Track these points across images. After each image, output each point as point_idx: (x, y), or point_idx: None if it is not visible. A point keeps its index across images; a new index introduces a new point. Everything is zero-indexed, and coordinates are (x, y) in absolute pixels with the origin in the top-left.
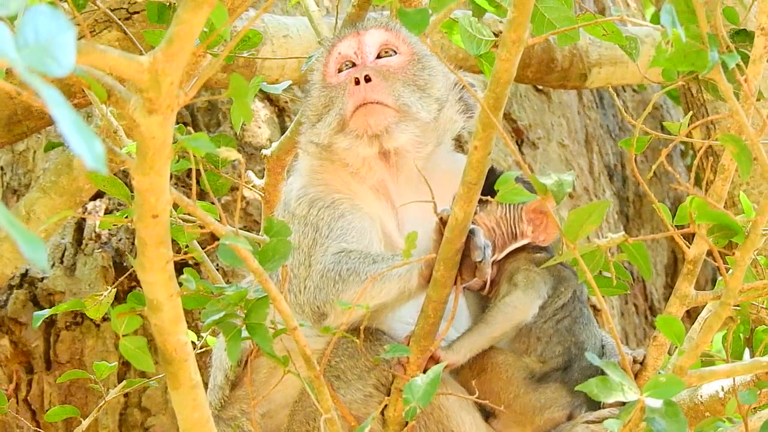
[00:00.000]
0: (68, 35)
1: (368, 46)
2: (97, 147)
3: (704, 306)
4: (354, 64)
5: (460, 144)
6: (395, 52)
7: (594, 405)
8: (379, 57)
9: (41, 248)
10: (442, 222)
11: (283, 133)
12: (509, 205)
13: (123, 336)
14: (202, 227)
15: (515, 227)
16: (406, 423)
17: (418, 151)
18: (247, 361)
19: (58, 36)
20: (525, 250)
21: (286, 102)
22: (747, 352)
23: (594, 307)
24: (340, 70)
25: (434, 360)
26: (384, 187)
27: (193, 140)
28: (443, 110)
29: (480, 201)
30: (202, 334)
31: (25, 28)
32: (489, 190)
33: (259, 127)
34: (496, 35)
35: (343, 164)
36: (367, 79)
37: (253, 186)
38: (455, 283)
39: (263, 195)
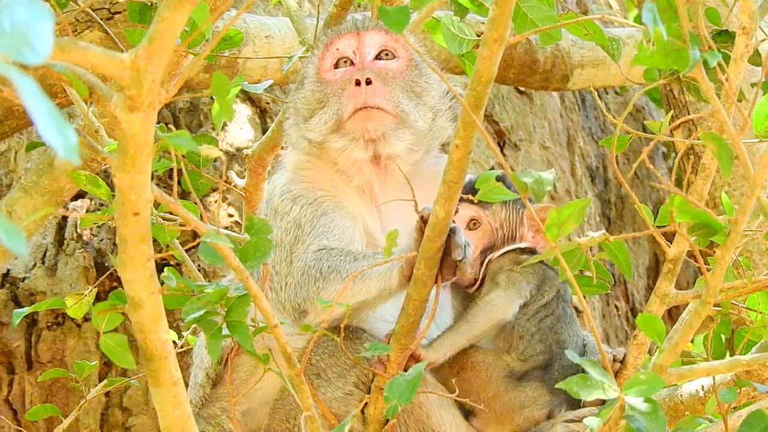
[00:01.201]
0: (46, 23)
1: (368, 46)
2: (70, 137)
3: (686, 307)
4: (352, 63)
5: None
6: (393, 55)
7: (574, 404)
8: (377, 58)
9: (21, 238)
10: (423, 221)
11: (264, 133)
12: (513, 207)
13: (104, 333)
14: (183, 225)
15: (516, 230)
16: (387, 421)
17: (410, 157)
18: (227, 359)
19: (35, 24)
20: (513, 251)
21: (268, 103)
22: None
23: (575, 308)
24: (336, 66)
25: (414, 358)
26: (370, 188)
27: (175, 138)
28: (437, 119)
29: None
30: (183, 334)
31: (1, 16)
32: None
33: (241, 128)
34: (478, 35)
35: (332, 162)
36: (368, 82)
37: (234, 186)
38: (436, 282)
39: (244, 195)
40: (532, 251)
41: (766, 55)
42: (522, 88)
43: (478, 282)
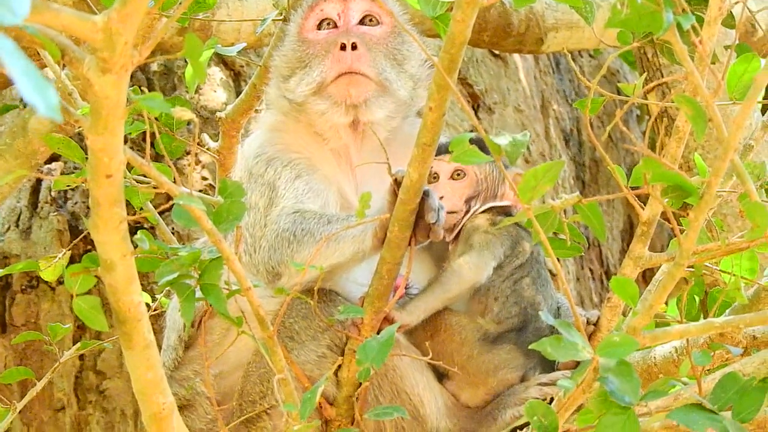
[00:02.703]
0: None
1: (353, 10)
2: (50, 95)
3: (659, 269)
4: (335, 25)
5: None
6: (377, 21)
7: (548, 367)
8: (361, 23)
9: None
10: (397, 183)
11: (238, 96)
12: (495, 165)
13: (77, 296)
14: (156, 188)
15: (498, 187)
16: (360, 384)
17: (388, 124)
18: (200, 322)
19: None
20: (489, 212)
21: (242, 66)
22: None
23: (549, 270)
24: (319, 27)
25: (388, 321)
26: (345, 151)
27: (148, 100)
28: (416, 88)
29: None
30: (157, 296)
31: None
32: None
33: (215, 91)
34: None
35: (309, 124)
36: (354, 47)
37: (207, 149)
38: (409, 244)
39: (218, 158)
40: (508, 213)
41: (739, 17)
42: (496, 51)
43: (457, 230)
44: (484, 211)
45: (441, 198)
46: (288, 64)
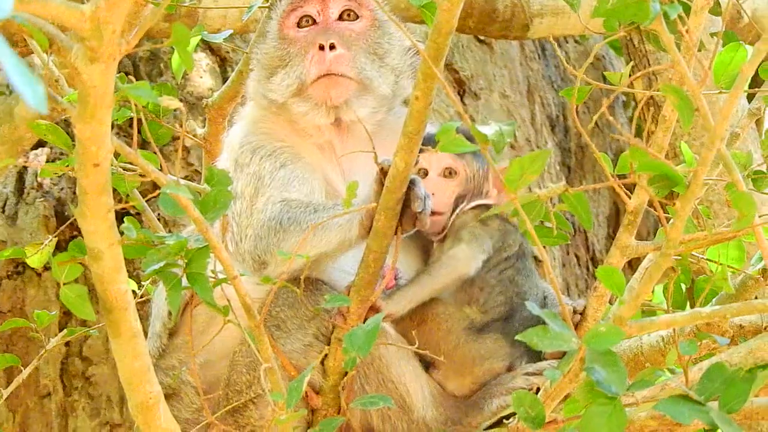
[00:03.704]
0: None
1: (332, 7)
2: (38, 88)
3: (646, 257)
4: (315, 21)
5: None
6: (357, 15)
7: (535, 357)
8: (340, 18)
9: None
10: (383, 172)
11: (224, 83)
12: (481, 162)
13: (64, 284)
14: (143, 176)
15: (482, 185)
16: (346, 373)
17: (372, 118)
18: (185, 310)
19: None
20: (478, 208)
21: (228, 52)
22: None
23: (535, 258)
24: (299, 25)
25: (374, 310)
26: (330, 146)
27: (135, 89)
28: (399, 81)
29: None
30: (143, 284)
31: None
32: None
33: (201, 77)
34: None
35: (292, 121)
36: (332, 47)
37: (194, 136)
38: (396, 233)
39: (204, 144)
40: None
41: (726, 5)
42: (482, 37)
43: (445, 231)
44: (472, 208)
45: (432, 195)
46: (269, 62)
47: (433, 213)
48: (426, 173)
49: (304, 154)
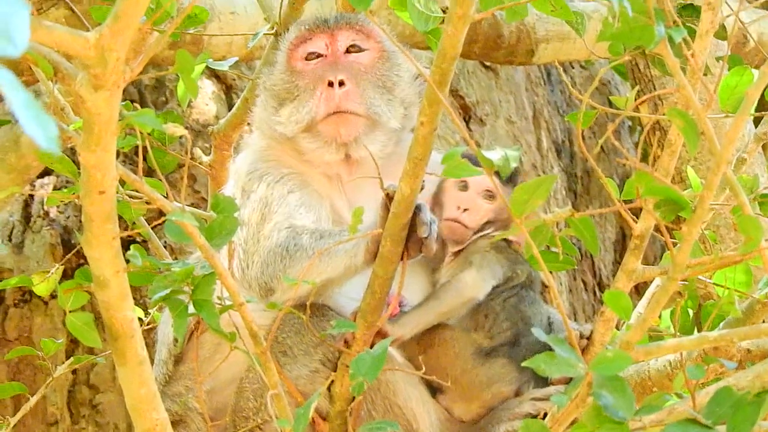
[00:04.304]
0: (22, 14)
1: (340, 41)
2: (50, 128)
3: (653, 282)
4: (323, 54)
5: None
6: (364, 48)
7: (542, 381)
8: (348, 51)
9: None
10: (389, 197)
11: (230, 110)
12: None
13: (70, 312)
14: (148, 203)
15: (511, 220)
16: (353, 398)
17: (381, 153)
18: (191, 337)
19: (12, 15)
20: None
21: (234, 79)
22: None
23: (542, 283)
24: (307, 57)
25: (382, 335)
26: (337, 175)
27: (140, 116)
28: (408, 112)
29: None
30: (150, 311)
31: None
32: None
33: (207, 104)
34: (444, 11)
35: (300, 152)
36: (341, 84)
37: (200, 163)
38: (402, 259)
39: (210, 171)
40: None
41: (731, 29)
42: (487, 63)
43: (461, 247)
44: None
45: (465, 210)
46: (277, 93)
47: (458, 222)
48: (466, 187)
49: (311, 182)
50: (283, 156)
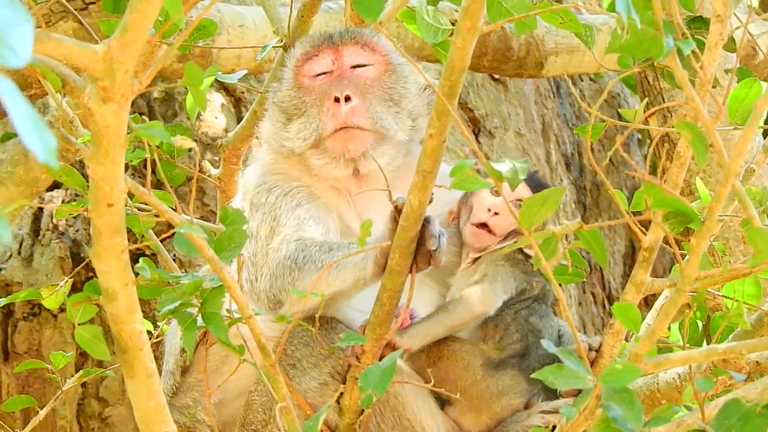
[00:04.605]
0: (26, 26)
1: (346, 56)
2: (49, 140)
3: (661, 294)
4: (330, 70)
5: None
6: (370, 62)
7: (551, 392)
8: (354, 66)
9: (5, 224)
10: (397, 210)
11: (239, 122)
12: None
13: (79, 325)
14: (157, 216)
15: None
16: (362, 411)
17: (390, 166)
18: (198, 348)
19: (15, 26)
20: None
21: (242, 92)
22: None
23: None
24: (314, 75)
25: (391, 347)
26: (346, 189)
27: (148, 129)
28: (416, 124)
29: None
30: (159, 324)
31: None
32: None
33: (216, 117)
34: (453, 24)
35: (308, 166)
36: (347, 99)
37: (209, 176)
38: (410, 272)
39: (219, 185)
40: (528, 257)
41: (740, 41)
42: (496, 76)
43: (483, 253)
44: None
45: (495, 214)
46: (285, 109)
47: (483, 226)
48: (498, 194)
49: (320, 195)
50: (291, 169)
